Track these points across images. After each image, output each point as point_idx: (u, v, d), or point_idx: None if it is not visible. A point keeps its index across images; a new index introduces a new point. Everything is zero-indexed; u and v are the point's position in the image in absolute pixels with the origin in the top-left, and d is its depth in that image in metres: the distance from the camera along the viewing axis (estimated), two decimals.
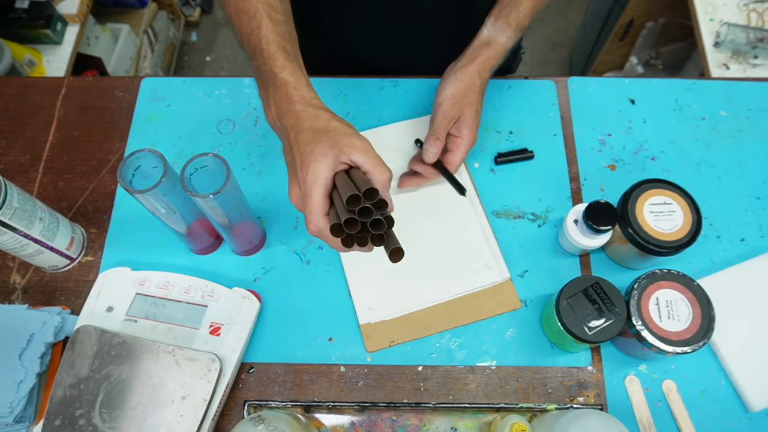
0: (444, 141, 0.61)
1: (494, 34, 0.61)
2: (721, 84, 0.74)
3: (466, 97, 0.60)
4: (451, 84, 0.60)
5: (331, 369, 0.59)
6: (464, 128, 0.60)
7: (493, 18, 0.61)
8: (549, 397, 0.58)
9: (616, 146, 0.70)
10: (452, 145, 0.61)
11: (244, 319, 0.58)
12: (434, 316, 0.61)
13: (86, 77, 0.78)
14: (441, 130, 0.60)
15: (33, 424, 0.55)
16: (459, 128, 0.60)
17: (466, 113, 0.60)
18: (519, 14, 0.60)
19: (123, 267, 0.61)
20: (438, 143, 0.60)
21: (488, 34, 0.61)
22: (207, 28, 2.10)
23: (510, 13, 0.60)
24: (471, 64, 0.60)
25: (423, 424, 0.57)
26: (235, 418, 0.57)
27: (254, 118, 0.73)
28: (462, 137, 0.60)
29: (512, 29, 0.60)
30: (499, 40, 0.61)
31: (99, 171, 0.70)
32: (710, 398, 0.57)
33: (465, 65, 0.60)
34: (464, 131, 0.60)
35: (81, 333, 0.55)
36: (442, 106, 0.60)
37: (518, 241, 0.65)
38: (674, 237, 0.57)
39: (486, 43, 0.61)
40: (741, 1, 1.13)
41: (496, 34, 0.61)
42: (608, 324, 0.53)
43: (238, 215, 0.55)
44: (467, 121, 0.60)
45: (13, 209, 0.53)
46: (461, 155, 0.61)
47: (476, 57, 0.60)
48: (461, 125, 0.60)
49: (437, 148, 0.61)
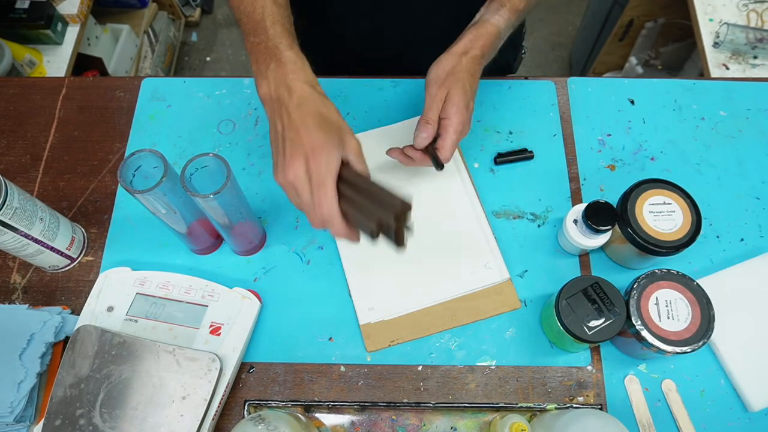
0: (436, 125, 0.58)
1: (486, 15, 0.59)
2: (721, 84, 0.74)
3: (452, 76, 0.57)
4: (436, 65, 0.58)
5: (331, 369, 0.59)
6: (450, 108, 0.56)
7: (488, 2, 0.60)
8: (549, 396, 0.58)
9: (615, 146, 0.70)
10: (441, 129, 0.58)
11: (244, 319, 0.58)
12: (434, 316, 0.61)
13: (87, 77, 0.78)
14: (431, 114, 0.57)
15: (33, 423, 0.55)
16: (446, 109, 0.57)
17: (452, 92, 0.57)
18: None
19: (123, 267, 0.61)
20: (428, 128, 0.57)
21: (480, 16, 0.60)
22: (207, 28, 2.10)
23: None
24: (457, 44, 0.58)
25: (423, 424, 0.57)
26: (235, 418, 0.57)
27: (254, 118, 0.73)
28: (449, 118, 0.57)
29: (506, 9, 0.58)
30: (490, 19, 0.58)
31: (99, 171, 0.70)
32: (710, 398, 0.57)
33: (452, 47, 0.58)
34: (450, 111, 0.56)
35: (81, 333, 0.55)
36: (428, 89, 0.58)
37: (518, 241, 0.65)
38: (674, 237, 0.57)
39: (476, 23, 0.59)
40: (741, 1, 1.13)
41: (488, 14, 0.59)
42: (608, 324, 0.53)
43: (239, 215, 0.56)
44: (453, 99, 0.56)
45: (13, 209, 0.53)
46: (451, 138, 0.57)
47: (464, 37, 0.58)
48: (448, 105, 0.57)
49: (427, 132, 0.57)
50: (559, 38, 2.02)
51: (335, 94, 0.74)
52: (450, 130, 0.57)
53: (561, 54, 1.99)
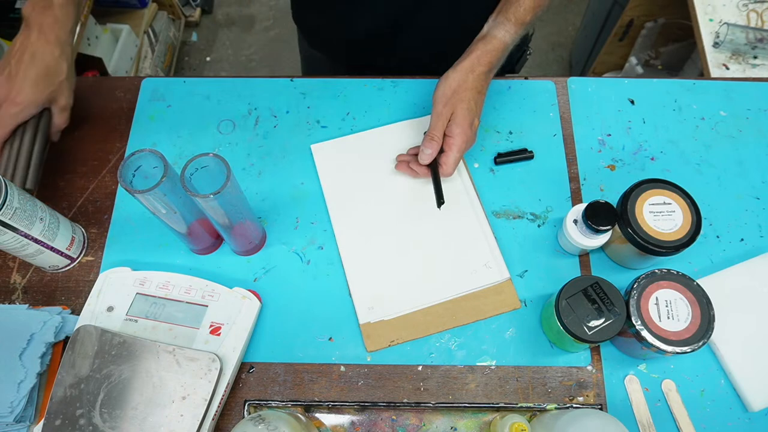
0: (440, 142, 0.60)
1: (493, 29, 0.60)
2: (721, 84, 0.74)
3: (457, 95, 0.59)
4: (443, 82, 0.60)
5: (331, 369, 0.59)
6: (455, 127, 0.59)
7: (494, 14, 0.61)
8: (549, 396, 0.58)
9: (615, 146, 0.70)
10: (445, 146, 0.61)
11: (244, 319, 0.58)
12: (434, 316, 0.61)
13: (87, 77, 0.78)
14: (436, 131, 0.60)
15: (33, 423, 0.55)
16: (450, 127, 0.60)
17: (457, 111, 0.59)
18: (519, 9, 0.59)
19: (123, 267, 0.61)
20: (433, 144, 0.60)
21: (487, 30, 0.61)
22: (207, 28, 2.10)
23: (510, 8, 0.59)
24: (465, 60, 0.60)
25: (423, 424, 0.57)
26: (235, 418, 0.57)
27: (254, 118, 0.73)
28: (453, 137, 0.60)
29: (512, 24, 0.59)
30: (497, 34, 0.60)
31: (99, 171, 0.70)
32: (710, 398, 0.57)
33: (459, 62, 0.60)
34: (455, 130, 0.59)
35: (81, 333, 0.55)
36: (435, 106, 0.60)
37: (518, 241, 0.65)
38: (674, 237, 0.57)
39: (483, 37, 0.60)
40: (740, 1, 1.13)
41: (495, 28, 0.60)
42: (608, 324, 0.53)
43: (239, 215, 0.55)
44: (458, 119, 0.59)
45: (13, 209, 0.53)
46: (454, 155, 0.60)
47: (471, 52, 0.60)
48: (452, 124, 0.59)
49: (432, 149, 0.60)
50: (559, 38, 2.02)
51: (335, 94, 0.74)
52: (453, 148, 0.60)
53: (561, 54, 1.99)
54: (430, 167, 0.63)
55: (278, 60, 2.00)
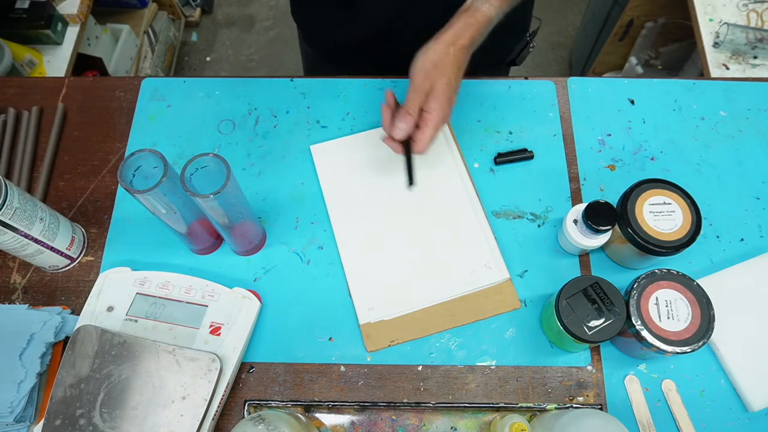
0: (416, 116, 0.57)
1: (476, 1, 0.57)
2: (721, 84, 0.74)
3: (438, 69, 0.56)
4: (423, 54, 0.57)
5: (331, 369, 0.59)
6: (433, 102, 0.56)
7: None
8: (549, 396, 0.58)
9: (615, 146, 0.70)
10: (421, 122, 0.57)
11: (244, 319, 0.58)
12: (434, 316, 0.61)
13: (87, 77, 0.78)
14: (412, 105, 0.56)
15: (33, 423, 0.55)
16: (429, 102, 0.56)
17: (437, 85, 0.56)
18: None
19: (123, 267, 0.61)
20: (408, 118, 0.56)
21: (470, 2, 0.58)
22: (207, 28, 2.10)
23: None
24: (447, 32, 0.57)
25: (423, 424, 0.57)
26: (235, 418, 0.57)
27: (254, 118, 0.73)
28: (430, 112, 0.56)
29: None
30: (481, 7, 0.57)
31: (99, 171, 0.70)
32: (710, 398, 0.57)
33: (440, 34, 0.57)
34: (433, 105, 0.56)
35: (81, 333, 0.55)
36: (413, 79, 0.57)
37: (518, 241, 0.65)
38: (674, 237, 0.57)
39: (466, 9, 0.57)
40: (741, 1, 1.13)
41: (478, 1, 0.57)
42: (608, 324, 0.53)
43: (239, 215, 0.56)
44: (436, 94, 0.56)
45: (13, 209, 0.53)
46: (429, 132, 0.57)
47: (453, 24, 0.57)
48: (430, 99, 0.56)
49: (407, 123, 0.57)
50: (559, 38, 2.02)
51: (335, 94, 0.74)
52: (430, 124, 0.56)
53: (561, 54, 1.99)
54: (404, 144, 0.59)
55: (278, 60, 2.01)
